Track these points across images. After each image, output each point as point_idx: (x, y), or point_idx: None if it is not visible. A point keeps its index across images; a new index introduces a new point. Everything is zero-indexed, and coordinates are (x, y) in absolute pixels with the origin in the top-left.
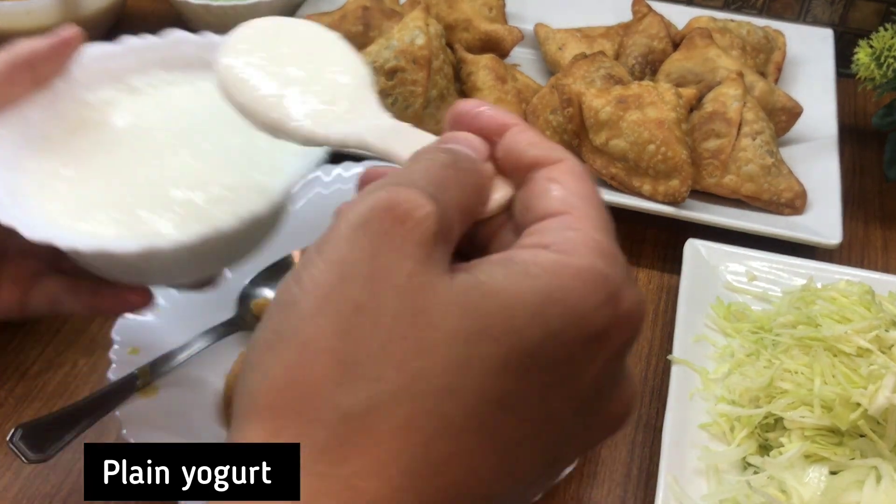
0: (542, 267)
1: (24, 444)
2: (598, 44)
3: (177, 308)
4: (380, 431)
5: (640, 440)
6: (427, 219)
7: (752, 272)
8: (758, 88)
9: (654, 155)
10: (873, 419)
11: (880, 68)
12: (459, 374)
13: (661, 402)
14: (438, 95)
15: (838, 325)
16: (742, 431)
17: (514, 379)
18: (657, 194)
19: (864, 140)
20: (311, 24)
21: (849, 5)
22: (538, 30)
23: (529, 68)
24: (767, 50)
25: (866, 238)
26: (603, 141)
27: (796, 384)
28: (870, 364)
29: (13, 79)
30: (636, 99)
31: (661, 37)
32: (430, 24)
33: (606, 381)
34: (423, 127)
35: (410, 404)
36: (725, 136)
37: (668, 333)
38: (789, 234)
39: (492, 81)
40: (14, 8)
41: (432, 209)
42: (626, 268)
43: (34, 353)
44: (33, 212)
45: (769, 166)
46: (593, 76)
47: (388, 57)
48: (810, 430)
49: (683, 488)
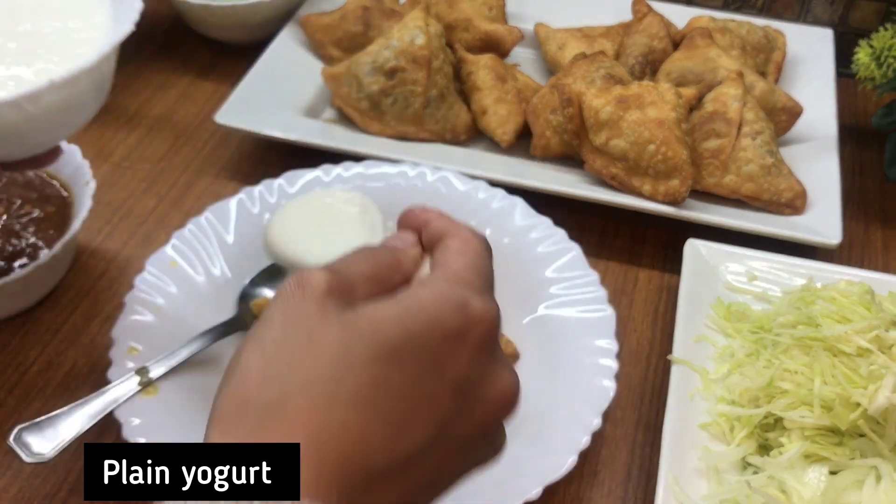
0: (407, 294)
1: (24, 444)
2: (599, 43)
3: (177, 308)
4: (289, 412)
5: (640, 440)
6: (319, 283)
7: (753, 272)
8: (758, 88)
9: (654, 155)
10: (873, 419)
11: (880, 68)
12: (341, 367)
13: (661, 402)
14: (438, 95)
15: (838, 325)
16: (742, 431)
17: (385, 367)
18: (657, 194)
19: (865, 140)
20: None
21: (849, 5)
22: (538, 29)
23: (529, 68)
24: (767, 50)
25: (866, 238)
26: (603, 141)
27: (796, 384)
28: (870, 364)
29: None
30: (636, 99)
31: (661, 36)
32: (430, 24)
33: (476, 368)
34: (423, 125)
35: (308, 391)
36: (725, 136)
37: (669, 333)
38: (789, 234)
39: (492, 81)
40: None
41: (323, 276)
42: (482, 288)
43: (34, 352)
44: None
45: (769, 166)
46: (593, 76)
47: (388, 57)
48: (810, 430)
49: (683, 488)
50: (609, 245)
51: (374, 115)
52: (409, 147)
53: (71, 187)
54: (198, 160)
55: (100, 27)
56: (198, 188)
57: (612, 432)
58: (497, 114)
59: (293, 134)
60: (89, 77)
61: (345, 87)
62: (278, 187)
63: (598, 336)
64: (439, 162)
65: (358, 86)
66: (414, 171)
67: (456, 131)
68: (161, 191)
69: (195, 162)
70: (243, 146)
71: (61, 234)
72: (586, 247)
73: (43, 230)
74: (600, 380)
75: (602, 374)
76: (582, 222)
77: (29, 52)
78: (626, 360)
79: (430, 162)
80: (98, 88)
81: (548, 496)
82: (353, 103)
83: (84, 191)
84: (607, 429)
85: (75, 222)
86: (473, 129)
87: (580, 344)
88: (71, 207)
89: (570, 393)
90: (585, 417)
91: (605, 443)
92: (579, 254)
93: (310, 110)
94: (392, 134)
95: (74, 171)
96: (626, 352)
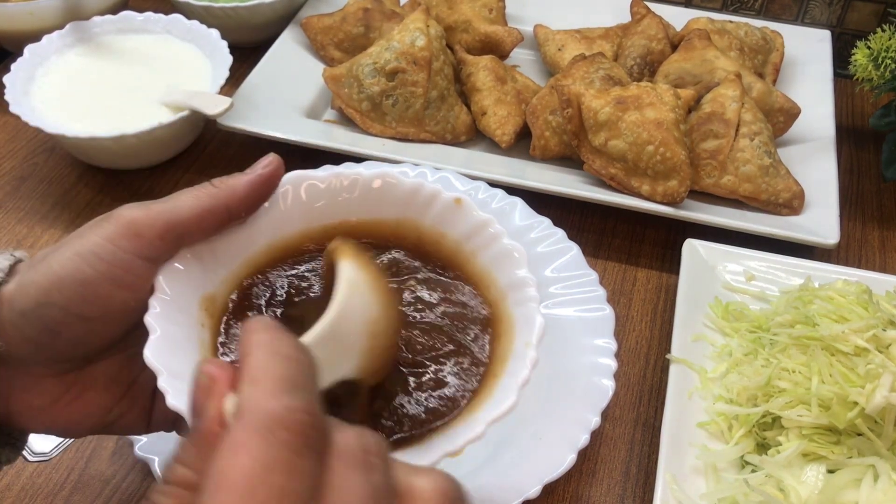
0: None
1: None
2: (597, 45)
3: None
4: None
5: (638, 439)
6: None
7: (751, 272)
8: (756, 89)
9: (652, 155)
10: (871, 418)
11: (878, 69)
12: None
13: (659, 401)
14: (439, 96)
15: (836, 325)
16: (740, 430)
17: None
18: (656, 194)
19: (862, 140)
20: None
21: (846, 6)
22: (537, 31)
23: (529, 69)
24: (765, 51)
25: (863, 238)
26: (602, 141)
27: (794, 383)
28: (867, 363)
29: (204, 224)
30: (635, 100)
31: (659, 38)
32: (430, 26)
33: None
34: (423, 126)
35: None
36: (723, 137)
37: (667, 333)
38: (787, 234)
39: (491, 82)
40: (17, 9)
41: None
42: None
43: None
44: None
45: (767, 167)
46: (592, 77)
47: (388, 58)
48: (808, 429)
49: (682, 487)
50: (608, 245)
51: (374, 116)
52: (410, 148)
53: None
54: (199, 161)
55: (205, 78)
56: None
57: (611, 431)
58: (497, 115)
59: (294, 135)
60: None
61: (346, 89)
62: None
63: (597, 335)
64: (439, 162)
65: (359, 87)
66: (414, 172)
67: (456, 132)
68: (162, 191)
69: (197, 163)
70: (245, 147)
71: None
72: (585, 247)
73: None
74: (599, 379)
75: (601, 373)
76: (581, 222)
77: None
78: (624, 360)
79: (431, 162)
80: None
81: (547, 494)
82: (354, 104)
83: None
84: (606, 427)
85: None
86: (473, 130)
87: (579, 343)
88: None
89: (569, 392)
90: (584, 416)
91: (604, 441)
92: (578, 253)
93: (311, 111)
94: (393, 135)
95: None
96: (624, 351)
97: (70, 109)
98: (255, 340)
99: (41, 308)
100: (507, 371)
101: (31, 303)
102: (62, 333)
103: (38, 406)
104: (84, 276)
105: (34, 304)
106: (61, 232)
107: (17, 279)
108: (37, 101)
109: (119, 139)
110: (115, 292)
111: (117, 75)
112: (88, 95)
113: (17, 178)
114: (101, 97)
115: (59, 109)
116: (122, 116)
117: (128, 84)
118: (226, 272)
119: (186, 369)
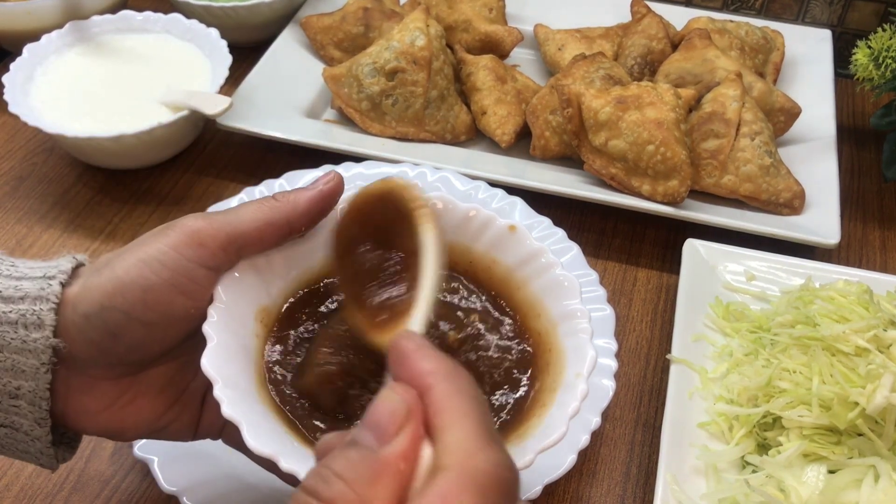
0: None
1: None
2: (598, 44)
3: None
4: None
5: (639, 439)
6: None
7: (751, 272)
8: (756, 89)
9: (653, 155)
10: (871, 418)
11: (878, 69)
12: None
13: (659, 402)
14: (439, 96)
15: (836, 325)
16: (740, 430)
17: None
18: (656, 194)
19: (863, 140)
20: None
21: (847, 6)
22: (538, 30)
23: (529, 69)
24: (766, 50)
25: (864, 238)
26: (602, 141)
27: (795, 383)
28: (868, 363)
29: (264, 237)
30: (635, 99)
31: (659, 37)
32: (430, 26)
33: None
34: (423, 126)
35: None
36: (724, 137)
37: (667, 333)
38: (788, 233)
39: (491, 82)
40: (16, 8)
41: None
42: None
43: None
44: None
45: (768, 166)
46: (592, 77)
47: (388, 58)
48: (808, 429)
49: (682, 487)
50: (608, 245)
51: (374, 116)
52: (410, 147)
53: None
54: (199, 161)
55: (205, 77)
56: (199, 188)
57: (612, 431)
58: (497, 114)
59: (294, 135)
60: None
61: (345, 88)
62: (279, 188)
63: (597, 335)
64: (439, 162)
65: (358, 86)
66: (414, 172)
67: (456, 132)
68: (162, 191)
69: (196, 163)
70: (244, 147)
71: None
72: (585, 246)
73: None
74: (599, 379)
75: (601, 373)
76: (581, 222)
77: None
78: (625, 360)
79: (431, 162)
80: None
81: (547, 494)
82: (354, 104)
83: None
84: (606, 428)
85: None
86: (473, 130)
87: None
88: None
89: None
90: (585, 416)
91: (605, 442)
92: (578, 253)
93: (310, 111)
94: (392, 134)
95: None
96: (625, 351)
97: (69, 109)
98: (427, 369)
99: (104, 311)
100: (557, 401)
101: (94, 306)
102: (123, 337)
103: (93, 408)
104: (147, 282)
105: (98, 308)
106: (60, 232)
107: (80, 282)
108: (36, 101)
109: (118, 139)
110: (176, 299)
111: (116, 75)
112: (88, 95)
113: (16, 178)
114: (101, 97)
115: (59, 109)
116: (121, 116)
117: (127, 84)
118: (282, 284)
119: (240, 379)
